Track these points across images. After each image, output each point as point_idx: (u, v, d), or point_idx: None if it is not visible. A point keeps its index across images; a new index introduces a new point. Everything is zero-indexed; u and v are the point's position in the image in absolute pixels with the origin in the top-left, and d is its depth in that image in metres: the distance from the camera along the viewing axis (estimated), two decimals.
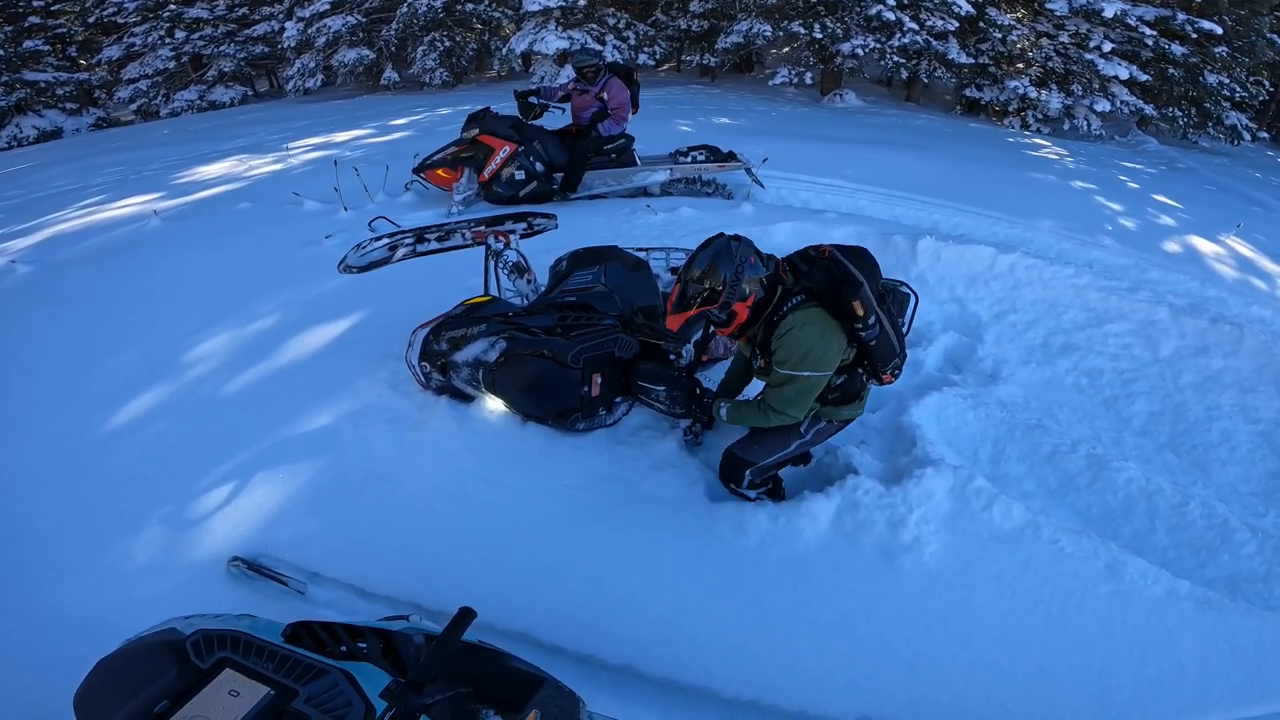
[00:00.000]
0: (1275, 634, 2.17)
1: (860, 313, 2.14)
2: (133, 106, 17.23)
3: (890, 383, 2.45)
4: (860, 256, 2.25)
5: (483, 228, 3.22)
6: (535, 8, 11.86)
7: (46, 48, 16.75)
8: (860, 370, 2.43)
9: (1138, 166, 9.47)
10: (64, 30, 17.67)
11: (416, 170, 5.62)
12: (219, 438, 2.96)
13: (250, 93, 18.22)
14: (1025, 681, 2.08)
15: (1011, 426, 3.19)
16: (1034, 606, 2.22)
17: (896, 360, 2.37)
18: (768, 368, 2.33)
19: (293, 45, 14.54)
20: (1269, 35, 11.25)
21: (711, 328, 2.60)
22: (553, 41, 11.84)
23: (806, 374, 2.22)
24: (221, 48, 17.23)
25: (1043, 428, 3.17)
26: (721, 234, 2.29)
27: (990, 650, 2.14)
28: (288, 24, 14.60)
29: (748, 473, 2.56)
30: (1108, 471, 2.95)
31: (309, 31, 14.11)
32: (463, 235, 3.16)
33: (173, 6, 16.84)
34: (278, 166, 7.33)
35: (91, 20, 17.30)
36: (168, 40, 16.81)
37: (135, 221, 5.59)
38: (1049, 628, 2.18)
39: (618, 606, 2.27)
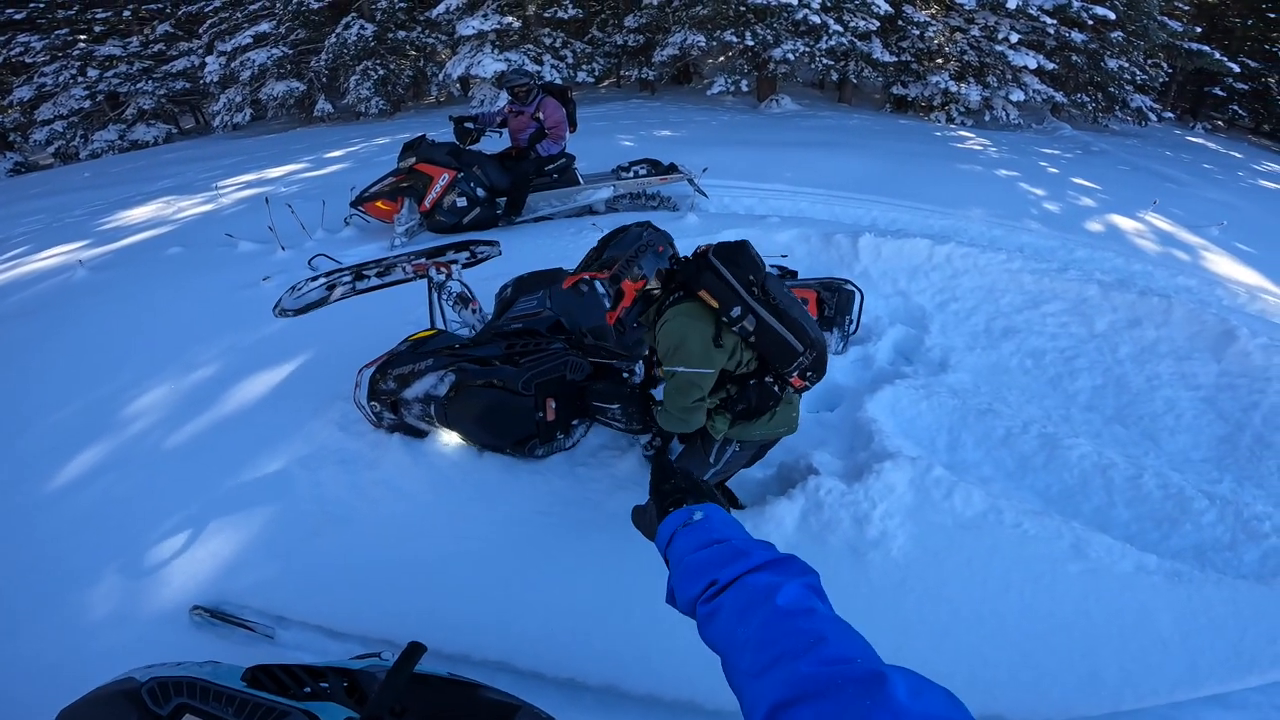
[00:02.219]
0: (1253, 603, 2.20)
1: (714, 304, 2.01)
2: (50, 149, 16.49)
3: (802, 386, 2.24)
4: (733, 250, 2.08)
5: (424, 260, 3.17)
6: (470, 31, 11.81)
7: None
8: (769, 379, 2.21)
9: (1056, 152, 9.94)
10: None
11: (355, 204, 5.47)
12: (167, 489, 2.89)
13: (174, 130, 17.63)
14: (1010, 668, 2.09)
15: (964, 413, 3.27)
16: (1006, 592, 2.24)
17: (800, 359, 2.13)
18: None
19: (216, 80, 14.12)
20: (1159, 18, 11.95)
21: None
22: (490, 64, 11.79)
23: (680, 369, 2.07)
24: (139, 85, 16.62)
25: (994, 411, 3.25)
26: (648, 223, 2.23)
27: (969, 639, 2.15)
28: (209, 59, 14.18)
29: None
30: (1061, 449, 3.02)
31: (232, 65, 13.73)
32: (403, 269, 3.10)
33: (82, 44, 16.20)
34: (208, 207, 7.08)
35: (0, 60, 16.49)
36: (80, 79, 16.14)
37: (61, 273, 5.32)
38: (1025, 612, 2.19)
39: (594, 627, 2.25)
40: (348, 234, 5.69)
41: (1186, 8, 13.89)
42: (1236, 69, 13.42)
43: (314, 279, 3.03)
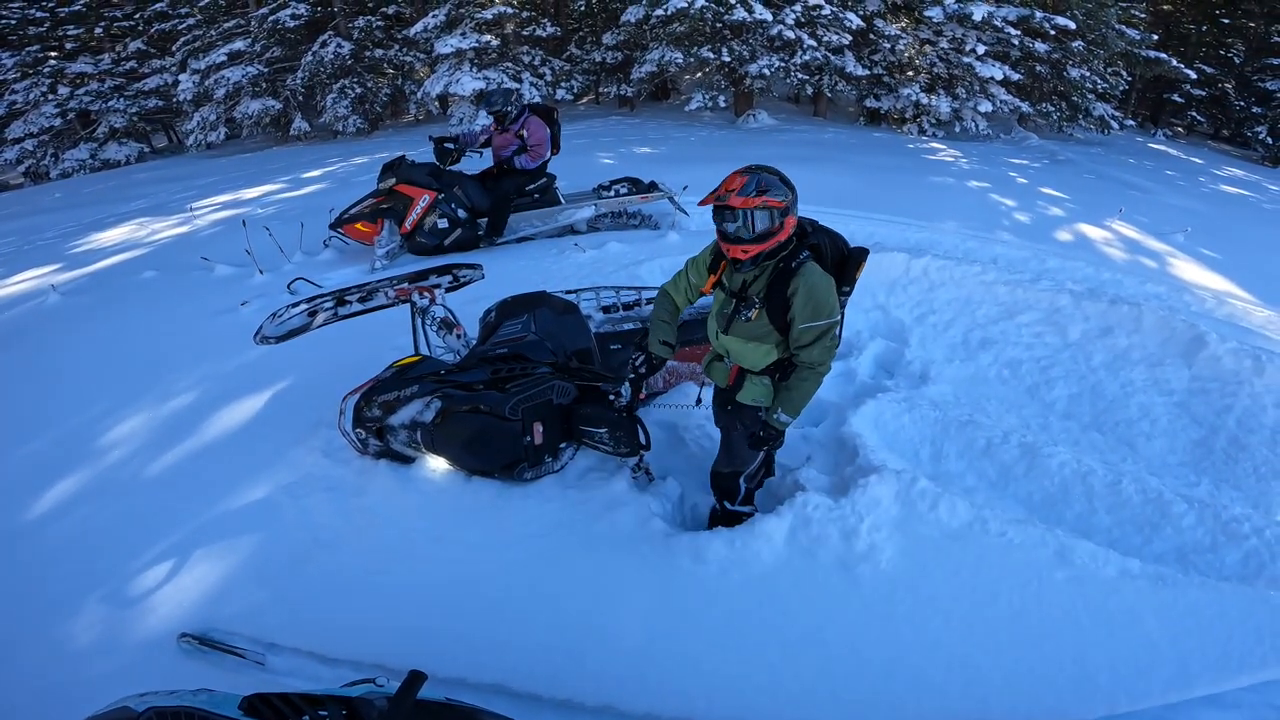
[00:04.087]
0: (1237, 605, 2.25)
1: (857, 276, 2.33)
2: (20, 168, 16.15)
3: None
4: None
5: (406, 285, 3.16)
6: (448, 50, 11.82)
7: None
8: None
9: (1024, 162, 10.19)
10: None
11: (334, 225, 5.42)
12: (149, 518, 2.86)
13: (147, 149, 17.36)
14: (1003, 676, 2.12)
15: (946, 424, 3.32)
16: (995, 600, 2.28)
17: None
18: (762, 320, 2.24)
19: (189, 98, 13.93)
20: (1117, 27, 12.31)
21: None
22: (468, 82, 11.80)
23: (833, 320, 2.19)
24: (110, 103, 16.36)
25: (975, 422, 3.31)
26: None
27: (961, 648, 2.18)
28: (181, 76, 14.00)
29: (741, 481, 2.59)
30: (1040, 458, 3.08)
31: (206, 83, 13.57)
32: (386, 294, 3.09)
33: (53, 61, 15.94)
34: (183, 229, 6.97)
35: None
36: (51, 96, 15.87)
37: (32, 298, 5.21)
38: (1014, 619, 2.23)
39: (589, 648, 2.25)
40: (327, 256, 5.64)
41: (1143, 16, 14.33)
42: (1193, 75, 13.88)
43: (295, 305, 3.01)
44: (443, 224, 5.42)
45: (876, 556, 2.40)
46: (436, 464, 2.75)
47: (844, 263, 2.32)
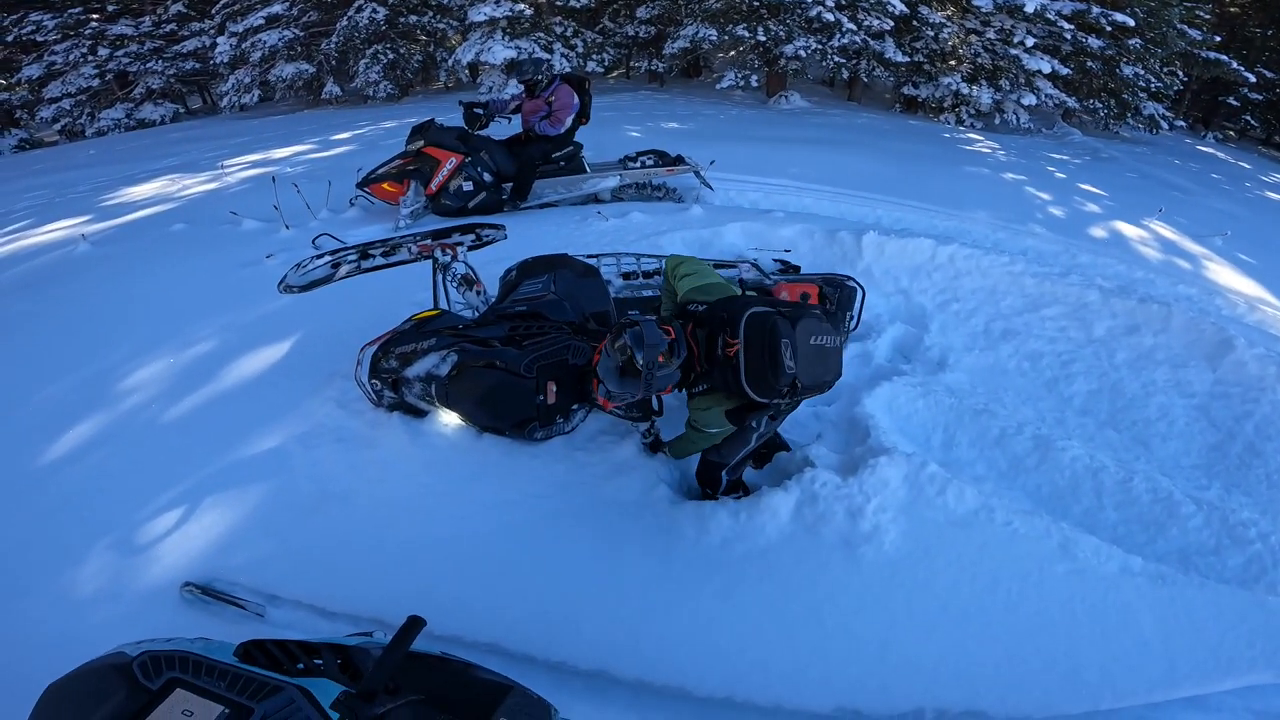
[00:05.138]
0: (1234, 608, 2.25)
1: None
2: (56, 126, 16.39)
3: None
4: (762, 358, 2.13)
5: (429, 241, 3.18)
6: (481, 17, 11.73)
7: None
8: None
9: (1064, 157, 9.91)
10: None
11: (361, 185, 5.47)
12: (162, 465, 2.88)
13: (182, 110, 17.51)
14: (994, 665, 2.12)
15: (960, 412, 3.29)
16: (994, 589, 2.27)
17: None
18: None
19: (226, 61, 14.03)
20: (1179, 26, 11.87)
21: None
22: (500, 51, 11.73)
23: (714, 431, 2.40)
24: (149, 64, 16.52)
25: (990, 412, 3.27)
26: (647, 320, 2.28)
27: (956, 635, 2.18)
28: (219, 39, 14.08)
29: (724, 474, 2.61)
30: (1053, 452, 3.05)
31: (243, 47, 13.65)
32: (409, 250, 3.11)
33: (94, 24, 16.11)
34: (213, 185, 7.05)
35: (10, 39, 16.41)
36: (91, 58, 16.06)
37: (63, 247, 5.31)
38: (1011, 609, 2.23)
39: (586, 612, 2.27)
40: (352, 215, 5.69)
41: (1207, 16, 13.75)
42: (1253, 79, 13.35)
43: (319, 257, 3.04)
44: (468, 187, 5.44)
45: (880, 538, 2.39)
46: (448, 419, 2.77)
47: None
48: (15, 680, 1.42)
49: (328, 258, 3.03)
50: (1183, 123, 15.11)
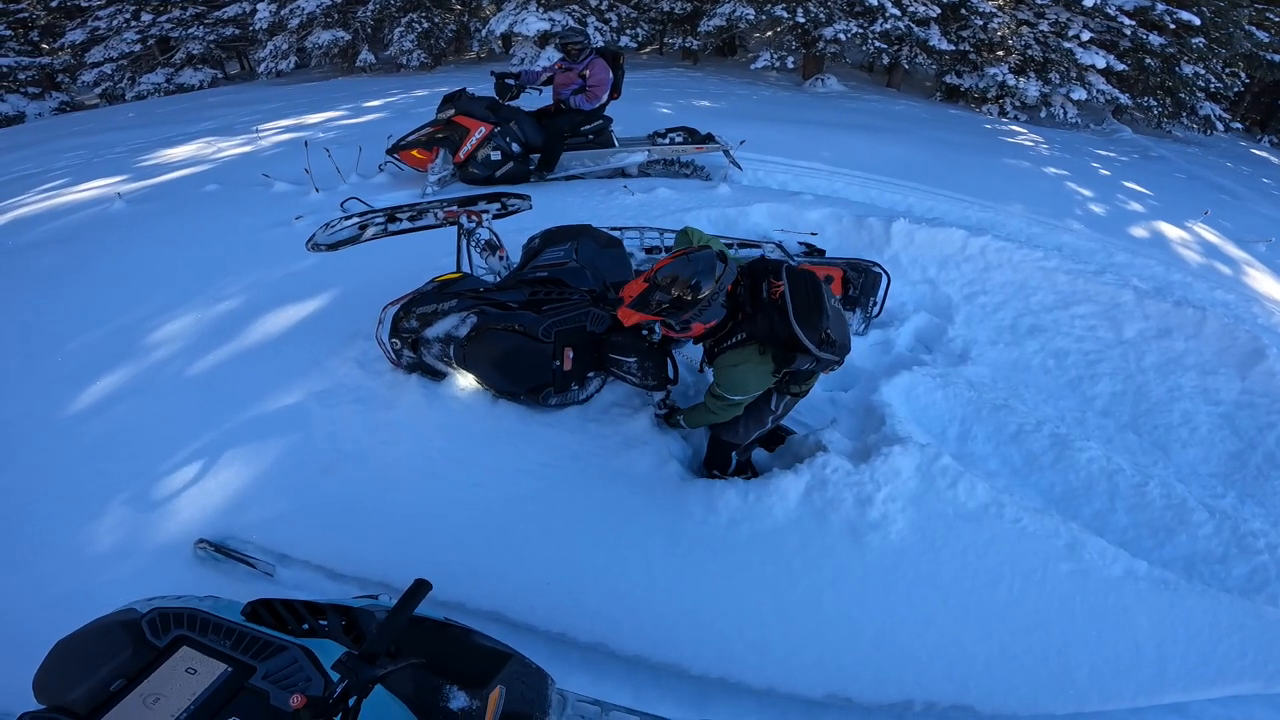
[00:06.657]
0: (1231, 616, 2.22)
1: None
2: (97, 90, 16.72)
3: None
4: (808, 300, 2.19)
5: (455, 207, 3.19)
6: None
7: (8, 32, 16.30)
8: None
9: (1110, 154, 9.58)
10: (26, 15, 17.11)
11: (390, 151, 5.52)
12: (184, 419, 2.94)
13: (220, 75, 17.73)
14: (986, 660, 2.12)
15: (979, 406, 3.24)
16: (996, 585, 2.25)
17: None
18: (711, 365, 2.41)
19: (265, 27, 14.14)
20: (1247, 27, 11.36)
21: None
22: (533, 23, 11.64)
23: (737, 399, 2.35)
24: (190, 30, 16.71)
25: (1009, 407, 3.22)
26: (708, 248, 2.27)
27: (953, 628, 2.17)
28: (260, 5, 14.17)
29: (734, 454, 2.61)
30: (1070, 451, 3.01)
31: (282, 13, 13.73)
32: (435, 215, 3.13)
33: None
34: (247, 148, 7.15)
35: (55, 4, 16.73)
36: (133, 23, 16.30)
37: (98, 204, 5.44)
38: (1010, 606, 2.21)
39: (589, 584, 2.29)
40: (381, 180, 5.74)
41: (1277, 19, 13.11)
42: None
43: (348, 218, 3.07)
44: (496, 156, 5.45)
45: (887, 527, 2.37)
46: (465, 382, 2.79)
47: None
48: (31, 635, 1.44)
49: (356, 219, 3.07)
50: (1239, 125, 14.47)
